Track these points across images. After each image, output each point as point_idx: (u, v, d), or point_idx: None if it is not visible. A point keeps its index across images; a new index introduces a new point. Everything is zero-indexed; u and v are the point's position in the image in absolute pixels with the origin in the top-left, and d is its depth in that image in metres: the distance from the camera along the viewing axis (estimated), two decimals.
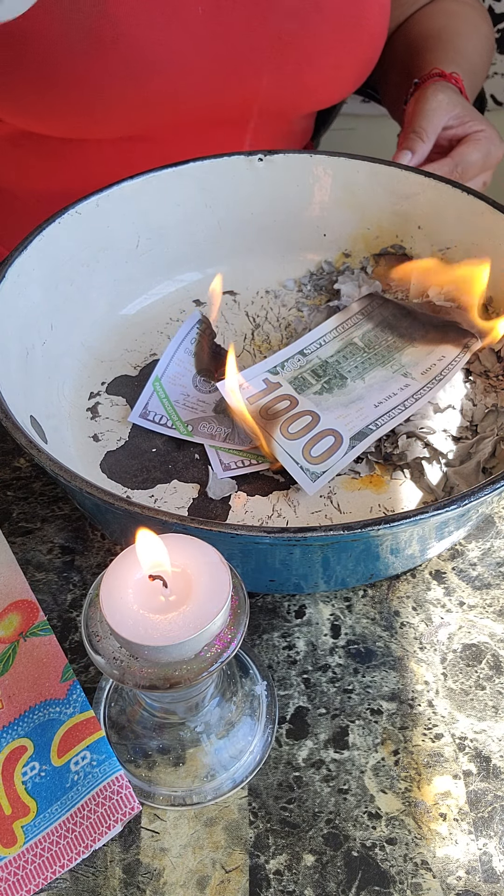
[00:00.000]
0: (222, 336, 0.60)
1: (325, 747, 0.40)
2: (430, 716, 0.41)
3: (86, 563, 0.48)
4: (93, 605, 0.33)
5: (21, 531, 0.49)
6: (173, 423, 0.53)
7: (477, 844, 0.37)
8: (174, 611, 0.32)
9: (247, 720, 0.40)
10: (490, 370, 0.55)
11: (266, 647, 0.44)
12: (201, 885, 0.36)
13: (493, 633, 0.44)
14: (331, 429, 0.49)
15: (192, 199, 0.61)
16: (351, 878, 0.36)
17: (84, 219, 0.56)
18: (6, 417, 0.43)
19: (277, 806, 0.38)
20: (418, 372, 0.54)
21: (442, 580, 0.47)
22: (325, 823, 0.38)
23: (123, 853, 0.37)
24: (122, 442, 0.53)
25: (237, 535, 0.37)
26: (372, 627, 0.45)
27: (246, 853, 0.37)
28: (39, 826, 0.37)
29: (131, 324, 0.61)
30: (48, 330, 0.55)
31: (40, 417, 0.50)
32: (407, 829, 0.38)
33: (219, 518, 0.48)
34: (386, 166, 0.60)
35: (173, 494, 0.49)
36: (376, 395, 0.52)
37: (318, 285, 0.63)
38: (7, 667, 0.42)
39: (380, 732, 0.41)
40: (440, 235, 0.61)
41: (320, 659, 0.43)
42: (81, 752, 0.38)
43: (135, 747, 0.40)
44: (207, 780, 0.39)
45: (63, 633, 0.44)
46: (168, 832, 0.38)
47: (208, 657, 0.32)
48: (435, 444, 0.50)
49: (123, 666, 0.32)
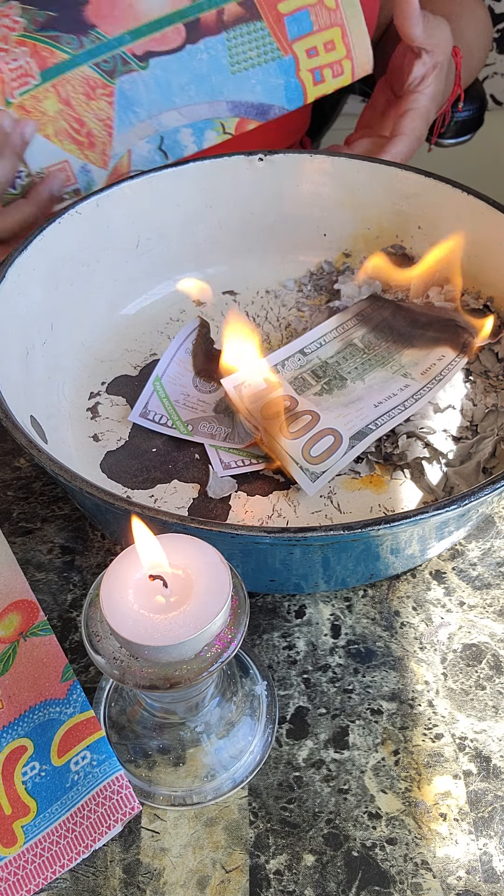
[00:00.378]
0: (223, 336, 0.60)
1: (325, 747, 0.40)
2: (431, 716, 0.41)
3: (86, 563, 0.48)
4: (93, 605, 0.33)
5: (21, 531, 0.49)
6: (173, 422, 0.53)
7: (477, 844, 0.37)
8: (174, 611, 0.32)
9: (247, 720, 0.40)
10: (490, 370, 0.55)
11: (266, 647, 0.44)
12: (201, 885, 0.36)
13: (494, 633, 0.44)
14: (330, 428, 0.49)
15: (192, 199, 0.61)
16: (351, 878, 0.36)
17: (84, 219, 0.56)
18: (6, 417, 0.43)
19: (277, 806, 0.38)
20: (418, 372, 0.54)
21: (442, 580, 0.47)
22: (326, 823, 0.38)
23: (123, 853, 0.37)
24: (122, 442, 0.53)
25: (237, 535, 0.37)
26: (372, 627, 0.45)
27: (246, 853, 0.37)
28: (39, 826, 0.37)
29: (131, 324, 0.61)
30: (48, 330, 0.55)
31: (40, 417, 0.50)
32: (407, 829, 0.38)
33: (219, 518, 0.48)
34: (386, 166, 0.60)
35: (173, 494, 0.49)
36: (376, 396, 0.52)
37: (318, 285, 0.63)
38: (7, 667, 0.42)
39: (380, 732, 0.41)
40: (440, 235, 0.61)
41: (320, 659, 0.43)
42: (81, 752, 0.38)
43: (135, 747, 0.40)
44: (207, 780, 0.39)
45: (63, 633, 0.44)
46: (168, 832, 0.38)
47: (208, 657, 0.32)
48: (435, 444, 0.50)
49: (123, 666, 0.32)
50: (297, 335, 0.58)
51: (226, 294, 0.63)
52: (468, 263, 0.60)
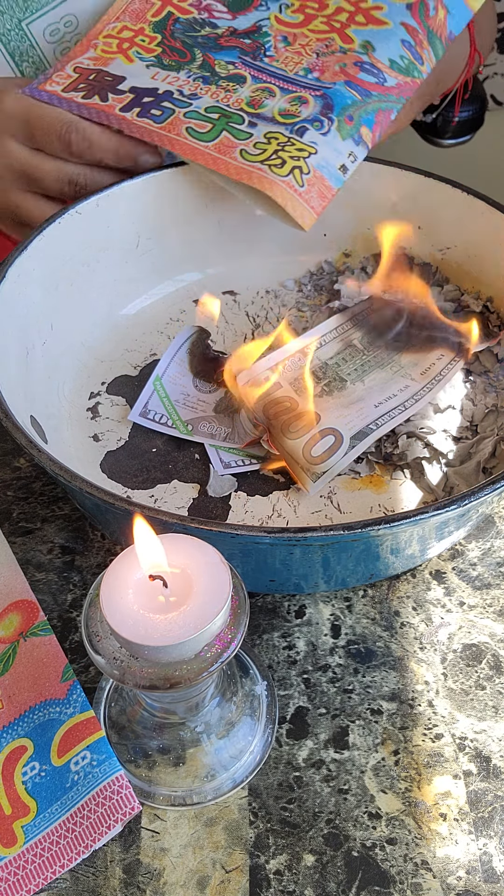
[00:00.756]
0: (222, 336, 0.60)
1: (325, 747, 0.40)
2: (431, 716, 0.41)
3: (86, 563, 0.48)
4: (93, 605, 0.33)
5: (21, 531, 0.49)
6: (173, 422, 0.53)
7: (477, 844, 0.37)
8: (174, 611, 0.32)
9: (247, 720, 0.40)
10: (490, 370, 0.55)
11: (266, 647, 0.44)
12: (201, 885, 0.36)
13: (494, 633, 0.44)
14: (331, 428, 0.49)
15: (192, 199, 0.61)
16: (351, 878, 0.36)
17: (84, 219, 0.56)
18: (6, 417, 0.43)
19: (277, 806, 0.38)
20: (417, 373, 0.54)
21: (442, 580, 0.47)
22: (326, 823, 0.38)
23: (123, 853, 0.37)
24: (122, 442, 0.53)
25: (237, 535, 0.37)
26: (372, 627, 0.45)
27: (246, 853, 0.37)
28: (39, 826, 0.37)
29: (131, 324, 0.61)
30: (48, 330, 0.55)
31: (40, 417, 0.50)
32: (407, 829, 0.38)
33: (219, 518, 0.48)
34: (386, 166, 0.60)
35: (173, 494, 0.49)
36: (376, 397, 0.52)
37: (318, 285, 0.63)
38: (7, 667, 0.42)
39: (380, 732, 0.41)
40: (440, 235, 0.61)
41: (320, 659, 0.43)
42: (81, 752, 0.38)
43: (135, 747, 0.40)
44: (207, 780, 0.39)
45: (63, 633, 0.44)
46: (168, 832, 0.38)
47: (208, 657, 0.32)
48: (435, 444, 0.50)
49: (123, 666, 0.32)
50: (297, 335, 0.58)
51: (226, 294, 0.63)
52: (468, 263, 0.60)
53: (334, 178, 0.54)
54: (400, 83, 0.56)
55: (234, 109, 0.55)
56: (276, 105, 0.55)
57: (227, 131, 0.54)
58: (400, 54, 0.56)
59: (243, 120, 0.54)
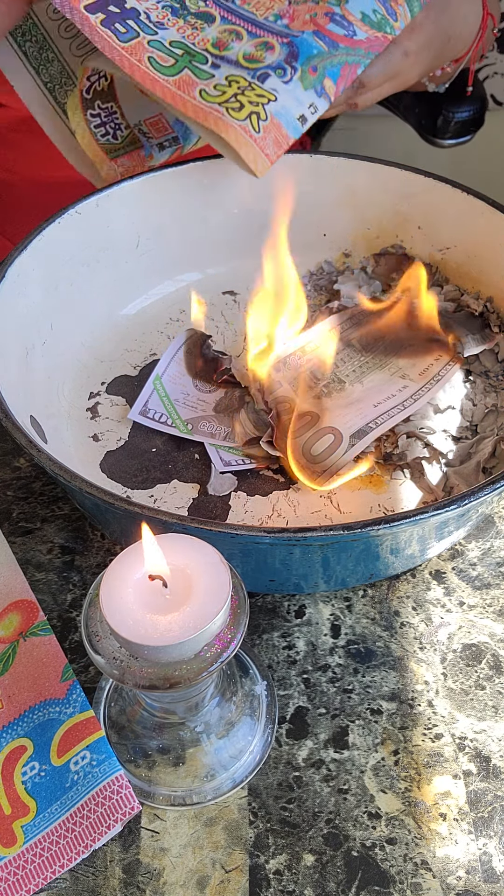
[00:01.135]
0: (222, 336, 0.60)
1: (325, 747, 0.40)
2: (430, 716, 0.41)
3: (86, 563, 0.48)
4: (93, 604, 0.33)
5: (21, 531, 0.49)
6: (173, 421, 0.53)
7: (477, 844, 0.37)
8: (174, 611, 0.32)
9: (247, 720, 0.40)
10: (490, 370, 0.55)
11: (266, 647, 0.44)
12: (201, 885, 0.36)
13: (493, 633, 0.44)
14: (330, 427, 0.49)
15: (192, 199, 0.61)
16: (351, 878, 0.36)
17: (84, 219, 0.56)
18: (6, 417, 0.43)
19: (277, 806, 0.38)
20: (416, 373, 0.54)
21: (442, 580, 0.47)
22: (325, 823, 0.38)
23: (123, 853, 0.37)
24: (122, 442, 0.53)
25: (237, 535, 0.37)
26: (372, 627, 0.45)
27: (246, 853, 0.37)
28: (39, 826, 0.37)
29: (131, 324, 0.61)
30: (48, 330, 0.55)
31: (40, 417, 0.50)
32: (407, 829, 0.38)
33: (219, 518, 0.48)
34: (386, 166, 0.60)
35: (173, 494, 0.49)
36: (375, 397, 0.52)
37: (318, 285, 0.63)
38: (7, 667, 0.42)
39: (380, 732, 0.41)
40: (440, 235, 0.61)
41: (320, 659, 0.43)
42: (81, 752, 0.38)
43: (135, 747, 0.40)
44: (207, 779, 0.39)
45: (63, 633, 0.44)
46: (168, 832, 0.38)
47: (208, 657, 0.32)
48: (435, 444, 0.50)
49: (123, 666, 0.32)
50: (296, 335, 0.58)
51: (226, 294, 0.63)
52: (468, 263, 0.60)
53: (292, 127, 0.53)
54: (370, 38, 0.54)
55: (199, 49, 0.53)
56: (241, 48, 0.53)
57: (189, 69, 0.52)
58: (373, 8, 0.55)
59: (206, 60, 0.53)
